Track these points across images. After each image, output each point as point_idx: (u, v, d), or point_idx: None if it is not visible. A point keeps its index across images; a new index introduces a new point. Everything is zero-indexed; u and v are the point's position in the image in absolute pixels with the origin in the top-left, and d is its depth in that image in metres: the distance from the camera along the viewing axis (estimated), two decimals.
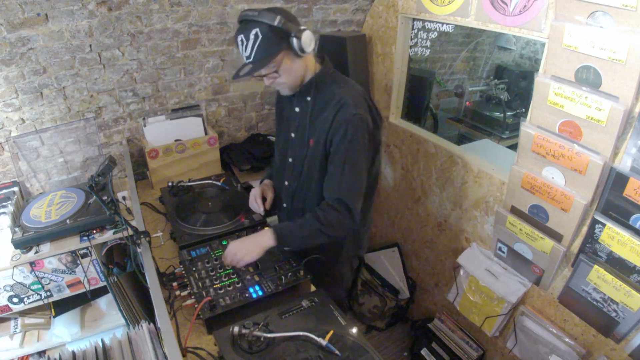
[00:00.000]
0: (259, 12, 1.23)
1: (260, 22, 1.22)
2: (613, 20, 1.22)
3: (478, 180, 1.96)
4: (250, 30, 1.23)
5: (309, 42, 1.26)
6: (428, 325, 2.34)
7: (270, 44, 1.24)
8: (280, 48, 1.26)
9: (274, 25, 1.21)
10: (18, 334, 1.82)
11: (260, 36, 1.22)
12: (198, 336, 1.33)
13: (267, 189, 1.72)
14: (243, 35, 1.25)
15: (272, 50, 1.25)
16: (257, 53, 1.25)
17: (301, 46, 1.25)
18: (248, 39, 1.24)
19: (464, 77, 3.40)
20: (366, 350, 1.19)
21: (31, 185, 2.04)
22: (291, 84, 1.39)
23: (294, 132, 1.50)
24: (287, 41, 1.25)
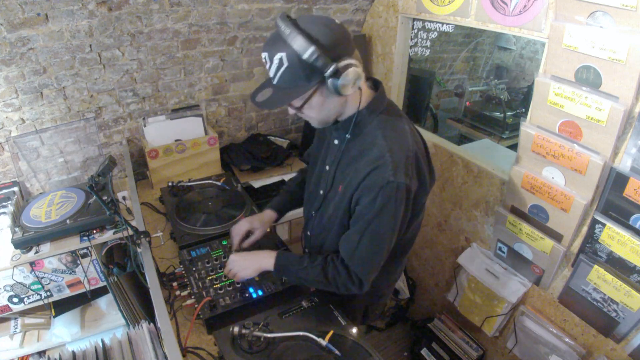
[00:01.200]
0: (291, 31, 0.94)
1: (288, 46, 0.96)
2: (613, 20, 1.22)
3: (478, 180, 1.96)
4: (276, 51, 0.98)
5: (352, 81, 1.00)
6: (428, 325, 2.34)
7: (298, 77, 0.99)
8: (309, 86, 1.01)
9: (303, 58, 0.95)
10: (18, 334, 1.82)
11: (285, 64, 0.97)
12: (198, 336, 1.33)
13: (259, 226, 1.51)
14: (267, 55, 1.00)
15: (299, 85, 1.01)
16: (281, 80, 1.01)
17: (338, 87, 0.99)
18: (272, 61, 0.99)
19: (464, 77, 3.40)
20: (366, 350, 1.19)
21: (31, 185, 2.04)
22: (320, 120, 1.16)
23: (329, 166, 1.28)
24: (322, 77, 0.99)
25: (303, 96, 1.05)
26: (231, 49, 2.22)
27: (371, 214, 1.10)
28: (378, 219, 1.11)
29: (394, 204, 1.09)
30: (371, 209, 1.10)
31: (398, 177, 1.06)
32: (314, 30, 0.96)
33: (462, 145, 2.23)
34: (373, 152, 1.10)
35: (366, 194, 1.10)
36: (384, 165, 1.06)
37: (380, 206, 1.08)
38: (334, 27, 1.00)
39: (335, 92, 1.01)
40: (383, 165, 1.06)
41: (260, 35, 2.22)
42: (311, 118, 1.15)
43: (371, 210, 1.10)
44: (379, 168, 1.07)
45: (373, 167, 1.08)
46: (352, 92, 1.04)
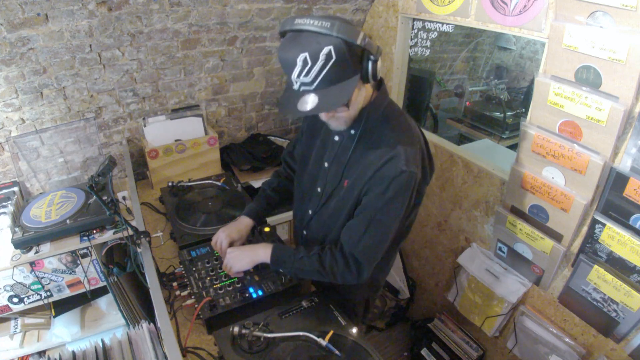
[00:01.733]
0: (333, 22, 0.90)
1: (334, 38, 0.91)
2: (613, 20, 1.22)
3: (478, 180, 1.96)
4: (319, 47, 0.92)
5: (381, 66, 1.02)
6: (428, 325, 2.34)
7: (346, 68, 0.95)
8: (355, 74, 0.98)
9: (357, 44, 0.92)
10: (18, 334, 1.82)
11: (334, 57, 0.92)
12: (198, 336, 1.33)
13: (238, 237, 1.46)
14: (308, 54, 0.92)
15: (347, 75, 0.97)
16: (326, 78, 0.95)
17: (375, 73, 0.99)
18: (315, 60, 0.92)
19: (464, 77, 3.40)
20: (366, 350, 1.19)
21: (31, 185, 2.04)
22: (351, 117, 1.13)
23: (328, 163, 1.28)
24: (361, 65, 0.99)
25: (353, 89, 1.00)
26: (231, 49, 2.22)
27: (381, 203, 1.12)
28: (386, 208, 1.13)
29: (404, 192, 1.11)
30: (382, 198, 1.12)
31: (410, 166, 1.09)
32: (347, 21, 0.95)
33: (462, 145, 2.23)
34: (384, 145, 1.12)
35: (378, 184, 1.12)
36: (397, 157, 1.09)
37: (391, 196, 1.11)
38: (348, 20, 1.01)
39: (372, 78, 1.01)
40: (396, 157, 1.09)
41: (260, 35, 2.22)
42: (344, 117, 1.12)
43: (381, 200, 1.12)
44: (393, 159, 1.09)
45: (387, 158, 1.10)
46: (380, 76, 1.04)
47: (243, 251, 1.37)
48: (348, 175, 1.22)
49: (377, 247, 1.19)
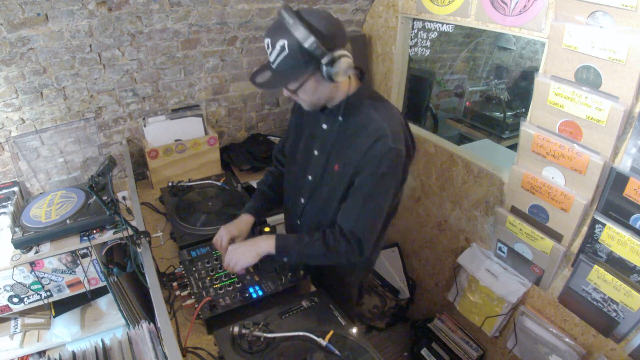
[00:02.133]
0: (295, 21, 1.04)
1: (290, 35, 1.05)
2: (613, 20, 1.22)
3: (478, 180, 1.96)
4: (278, 38, 1.06)
5: (344, 70, 1.10)
6: (428, 325, 2.34)
7: (296, 64, 1.08)
8: (306, 72, 1.11)
9: (304, 46, 1.04)
10: (18, 334, 1.82)
11: (286, 51, 1.07)
12: (198, 336, 1.33)
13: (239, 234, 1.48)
14: (270, 40, 1.09)
15: (297, 70, 1.10)
16: (279, 65, 1.10)
17: (331, 75, 1.09)
18: (274, 47, 1.08)
19: (464, 77, 3.40)
20: (366, 350, 1.19)
21: (31, 185, 2.04)
22: (313, 103, 1.25)
23: (318, 151, 1.35)
24: (317, 66, 1.09)
25: (299, 80, 1.14)
26: (231, 49, 2.22)
27: (374, 181, 1.21)
28: (380, 185, 1.22)
29: (395, 168, 1.21)
30: (374, 176, 1.20)
31: (397, 144, 1.18)
32: (314, 22, 1.06)
33: (462, 145, 2.23)
34: (371, 127, 1.21)
35: (370, 164, 1.20)
36: (384, 136, 1.17)
37: (383, 172, 1.19)
38: (332, 20, 1.12)
39: (329, 79, 1.11)
40: (384, 136, 1.17)
41: (260, 35, 2.22)
42: (304, 101, 1.24)
43: (374, 177, 1.20)
44: (381, 139, 1.17)
45: (375, 138, 1.18)
46: (343, 79, 1.14)
47: (246, 246, 1.36)
48: (338, 159, 1.29)
49: (375, 223, 1.27)
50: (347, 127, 1.26)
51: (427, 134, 2.26)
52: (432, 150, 2.19)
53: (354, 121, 1.25)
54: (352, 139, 1.24)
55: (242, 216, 1.54)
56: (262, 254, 1.34)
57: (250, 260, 1.34)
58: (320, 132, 1.34)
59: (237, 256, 1.34)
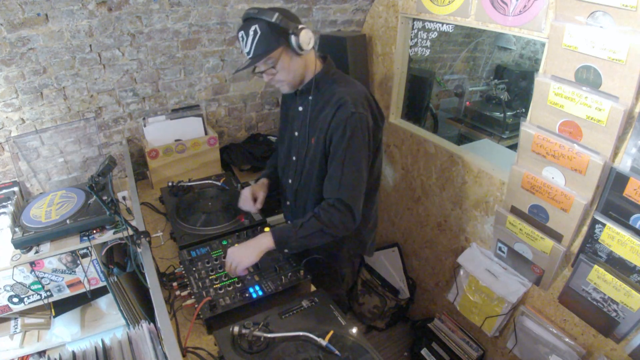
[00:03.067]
0: (259, 10, 1.27)
1: (259, 19, 1.26)
2: (613, 20, 1.22)
3: (478, 180, 1.96)
4: (250, 27, 1.27)
5: (308, 40, 1.29)
6: (428, 325, 2.34)
7: (269, 40, 1.27)
8: (278, 44, 1.28)
9: (272, 22, 1.25)
10: (18, 334, 1.82)
11: (259, 32, 1.26)
12: (198, 336, 1.33)
13: (259, 189, 1.69)
14: (243, 32, 1.29)
15: (270, 46, 1.28)
16: (256, 49, 1.28)
17: (299, 44, 1.27)
18: (248, 35, 1.28)
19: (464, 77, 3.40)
20: (366, 350, 1.19)
21: (31, 185, 2.04)
22: (290, 82, 1.40)
23: (298, 131, 1.51)
24: (286, 38, 1.28)
25: (274, 56, 1.30)
26: (231, 49, 2.22)
27: (344, 144, 1.33)
28: (351, 147, 1.33)
29: (360, 131, 1.33)
30: (343, 139, 1.33)
31: (358, 109, 1.32)
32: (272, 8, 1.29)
33: (462, 145, 2.23)
34: (334, 98, 1.36)
35: (336, 129, 1.33)
36: (345, 103, 1.32)
37: (350, 135, 1.32)
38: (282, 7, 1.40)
39: (298, 49, 1.29)
40: (344, 104, 1.32)
41: None
42: (282, 82, 1.39)
43: (344, 141, 1.33)
44: (342, 106, 1.32)
45: (337, 106, 1.33)
46: (309, 48, 1.31)
47: (246, 247, 1.38)
48: (312, 133, 1.44)
49: (357, 185, 1.37)
50: (316, 104, 1.43)
51: (427, 134, 2.26)
52: (432, 150, 2.19)
53: (321, 97, 1.42)
54: (321, 112, 1.40)
55: (260, 180, 1.74)
56: (263, 251, 1.37)
57: (253, 259, 1.36)
58: (297, 114, 1.50)
59: (238, 258, 1.36)
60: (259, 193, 1.67)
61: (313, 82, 1.41)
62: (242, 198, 1.66)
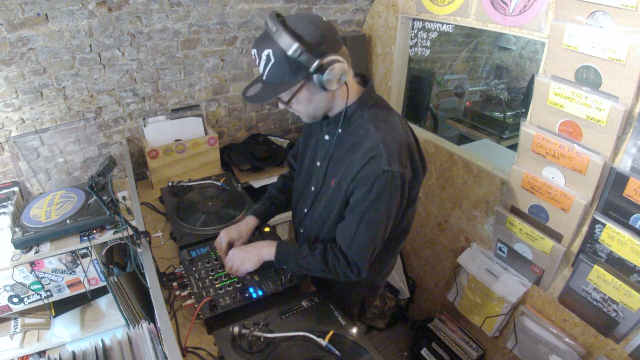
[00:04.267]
0: (278, 28, 0.98)
1: (275, 43, 0.99)
2: (613, 20, 1.22)
3: (478, 180, 1.96)
4: (264, 48, 1.02)
5: (336, 78, 1.03)
6: (428, 325, 2.34)
7: (284, 72, 1.03)
8: (295, 81, 1.04)
9: (289, 55, 0.99)
10: (18, 334, 1.82)
11: (272, 60, 1.02)
12: (198, 336, 1.33)
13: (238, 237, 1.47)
14: (256, 51, 1.05)
15: (286, 79, 1.04)
16: (269, 75, 1.06)
17: (323, 83, 1.03)
18: (260, 58, 1.04)
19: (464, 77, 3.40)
20: (366, 350, 1.19)
21: (31, 185, 2.04)
22: (309, 115, 1.19)
23: (320, 162, 1.31)
24: (307, 74, 1.02)
25: (290, 91, 1.08)
26: (231, 49, 2.22)
27: (367, 203, 1.13)
28: (374, 208, 1.14)
29: (389, 193, 1.12)
30: (367, 198, 1.13)
31: (393, 166, 1.09)
32: (299, 28, 1.00)
33: (462, 145, 2.23)
34: (367, 144, 1.13)
35: (362, 185, 1.13)
36: (378, 156, 1.09)
37: (375, 195, 1.11)
38: (319, 25, 1.03)
39: (321, 88, 1.05)
40: (378, 156, 1.09)
41: None
42: (300, 112, 1.18)
43: (367, 200, 1.13)
44: (374, 158, 1.10)
45: (368, 158, 1.11)
46: (338, 87, 1.07)
47: (248, 252, 1.37)
48: (334, 174, 1.23)
49: (369, 245, 1.20)
50: (345, 141, 1.20)
51: (427, 134, 2.26)
52: (432, 150, 2.19)
53: (352, 134, 1.19)
54: (348, 155, 1.18)
55: (246, 218, 1.54)
56: (263, 260, 1.35)
57: (252, 266, 1.35)
58: (322, 142, 1.29)
59: (238, 261, 1.36)
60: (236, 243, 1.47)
61: (343, 115, 1.17)
62: (217, 244, 1.47)
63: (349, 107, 1.17)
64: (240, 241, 1.49)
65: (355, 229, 1.18)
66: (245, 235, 1.51)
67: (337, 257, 1.23)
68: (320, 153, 1.31)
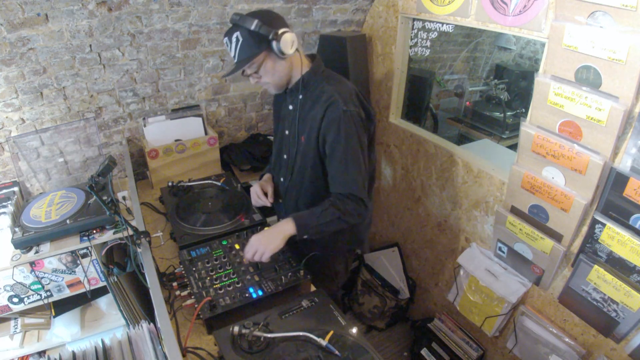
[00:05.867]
0: (241, 16, 1.29)
1: (240, 26, 1.29)
2: (613, 20, 1.22)
3: (478, 180, 1.96)
4: (232, 33, 1.31)
5: (289, 44, 1.31)
6: (428, 325, 2.34)
7: (250, 46, 1.30)
8: (259, 50, 1.31)
9: (252, 29, 1.27)
10: (18, 334, 1.82)
11: (240, 39, 1.30)
12: (198, 336, 1.33)
13: (266, 183, 1.72)
14: (227, 38, 1.33)
15: (252, 52, 1.31)
16: (239, 55, 1.32)
17: (280, 49, 1.29)
18: (231, 42, 1.32)
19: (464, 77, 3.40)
20: (366, 350, 1.19)
21: (31, 185, 2.04)
22: (276, 84, 1.43)
23: (288, 130, 1.54)
24: (267, 44, 1.30)
25: (256, 61, 1.34)
26: None
27: (342, 143, 1.36)
28: (350, 145, 1.36)
29: (355, 128, 1.36)
30: (339, 139, 1.36)
31: (349, 107, 1.35)
32: (256, 14, 1.31)
33: (462, 145, 2.23)
34: (324, 97, 1.38)
35: (330, 129, 1.36)
36: (335, 102, 1.34)
37: (345, 133, 1.35)
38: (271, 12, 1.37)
39: (280, 53, 1.31)
40: (335, 102, 1.35)
41: None
42: (268, 84, 1.43)
43: (340, 140, 1.36)
44: (332, 104, 1.35)
45: (327, 105, 1.35)
46: (292, 52, 1.33)
47: (270, 234, 1.40)
48: (302, 131, 1.46)
49: (361, 177, 1.40)
50: (306, 102, 1.45)
51: (427, 134, 2.26)
52: (432, 150, 2.19)
53: (310, 96, 1.43)
54: (310, 111, 1.42)
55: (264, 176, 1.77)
56: (287, 236, 1.40)
57: (279, 243, 1.38)
58: (288, 113, 1.53)
59: (264, 244, 1.36)
60: (267, 187, 1.69)
61: (301, 81, 1.43)
62: (254, 195, 1.68)
63: (304, 74, 1.42)
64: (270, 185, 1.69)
65: (344, 169, 1.38)
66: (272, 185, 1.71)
67: (344, 200, 1.40)
68: (287, 122, 1.54)
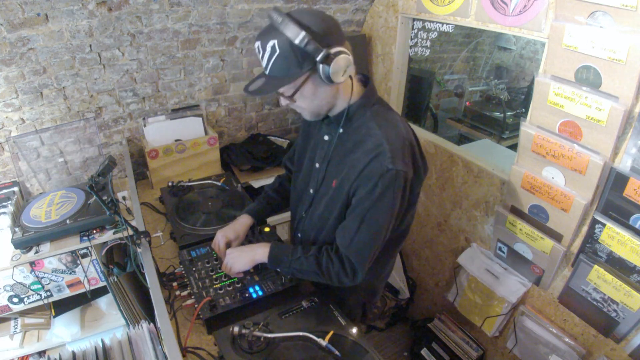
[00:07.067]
0: (283, 19, 0.96)
1: (280, 33, 0.97)
2: (613, 20, 1.22)
3: (478, 180, 1.96)
4: (268, 39, 0.99)
5: (342, 70, 1.01)
6: (428, 325, 2.34)
7: (289, 64, 1.00)
8: (300, 72, 1.01)
9: (295, 43, 0.96)
10: (18, 334, 1.82)
11: (277, 51, 0.98)
12: (198, 336, 1.33)
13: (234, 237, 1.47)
14: (260, 43, 1.01)
15: (291, 71, 1.01)
16: (272, 69, 1.02)
17: (328, 75, 1.00)
18: (264, 50, 1.00)
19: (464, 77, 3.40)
20: (366, 350, 1.19)
21: (31, 185, 2.04)
22: (312, 111, 1.15)
23: (319, 163, 1.27)
24: (313, 64, 1.00)
25: (294, 84, 1.04)
26: (231, 49, 2.22)
27: (369, 202, 1.11)
28: (376, 207, 1.11)
29: (392, 192, 1.09)
30: (370, 197, 1.10)
31: (396, 164, 1.06)
32: (305, 19, 0.98)
33: (462, 145, 2.23)
34: (370, 142, 1.11)
35: (365, 183, 1.10)
36: (382, 154, 1.07)
37: (378, 194, 1.09)
38: (325, 17, 1.03)
39: (327, 80, 1.02)
40: (382, 154, 1.07)
41: None
42: (303, 109, 1.15)
43: (369, 199, 1.10)
44: (378, 156, 1.07)
45: (372, 156, 1.08)
46: (343, 80, 1.04)
47: (242, 251, 1.37)
48: (335, 175, 1.20)
49: (370, 247, 1.17)
50: (347, 140, 1.17)
51: (427, 134, 2.26)
52: (432, 150, 2.19)
53: (354, 133, 1.16)
54: (350, 154, 1.16)
55: (240, 217, 1.52)
56: (256, 261, 1.34)
57: (243, 266, 1.34)
58: (321, 143, 1.26)
59: (232, 260, 1.36)
60: (233, 241, 1.47)
61: (345, 113, 1.14)
62: (215, 241, 1.46)
63: (351, 105, 1.14)
64: (237, 241, 1.47)
65: (356, 228, 1.14)
66: (242, 235, 1.49)
67: (331, 259, 1.20)
68: (319, 154, 1.28)
